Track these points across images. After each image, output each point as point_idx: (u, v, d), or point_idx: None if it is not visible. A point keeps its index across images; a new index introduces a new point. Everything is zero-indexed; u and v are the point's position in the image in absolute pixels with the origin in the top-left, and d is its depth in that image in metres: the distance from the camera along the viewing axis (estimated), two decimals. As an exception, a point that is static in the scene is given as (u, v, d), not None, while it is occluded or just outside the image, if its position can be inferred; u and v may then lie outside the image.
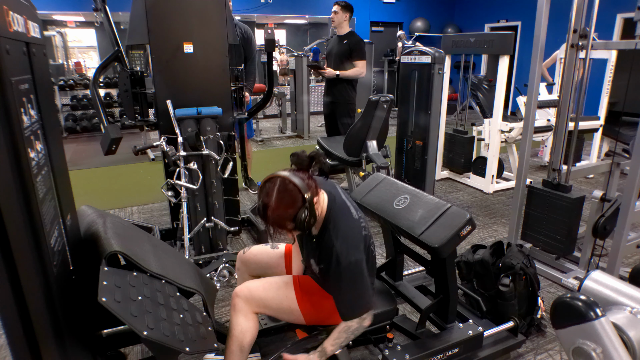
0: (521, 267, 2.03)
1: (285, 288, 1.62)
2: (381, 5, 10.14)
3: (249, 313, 1.56)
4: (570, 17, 2.42)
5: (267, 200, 1.35)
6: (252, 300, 1.57)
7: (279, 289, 1.61)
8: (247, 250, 1.89)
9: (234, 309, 1.57)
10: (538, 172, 5.04)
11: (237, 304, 1.56)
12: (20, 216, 0.84)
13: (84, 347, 1.24)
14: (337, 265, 1.43)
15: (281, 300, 1.60)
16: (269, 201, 1.35)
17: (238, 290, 1.59)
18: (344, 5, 3.90)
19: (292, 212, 1.35)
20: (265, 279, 1.68)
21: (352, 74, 3.95)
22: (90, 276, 1.18)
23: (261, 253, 1.87)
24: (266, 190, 1.36)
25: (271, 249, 1.86)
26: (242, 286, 1.61)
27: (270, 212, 1.35)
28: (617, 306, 1.02)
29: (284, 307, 1.60)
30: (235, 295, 1.58)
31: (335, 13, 3.92)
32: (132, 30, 2.58)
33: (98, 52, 8.69)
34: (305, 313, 1.61)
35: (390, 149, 3.71)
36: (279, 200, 1.34)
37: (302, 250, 1.70)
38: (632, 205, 2.19)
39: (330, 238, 1.46)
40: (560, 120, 2.58)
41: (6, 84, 0.81)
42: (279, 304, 1.60)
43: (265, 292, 1.60)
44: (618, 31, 7.26)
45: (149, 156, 5.59)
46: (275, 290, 1.61)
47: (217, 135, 2.59)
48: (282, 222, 1.37)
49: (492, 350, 1.86)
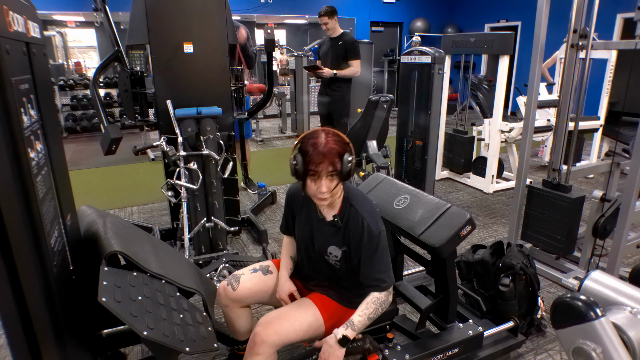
0: (521, 267, 2.03)
1: (315, 319, 1.51)
2: (381, 5, 10.13)
3: (272, 354, 1.45)
4: (570, 17, 2.42)
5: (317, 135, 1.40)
6: (280, 344, 1.45)
7: (310, 324, 1.50)
8: (235, 285, 1.63)
9: (257, 353, 1.41)
10: (538, 172, 5.04)
11: (261, 350, 1.40)
12: (20, 216, 0.84)
13: (84, 347, 1.24)
14: (370, 236, 1.45)
15: (312, 333, 1.51)
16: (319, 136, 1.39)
17: (264, 336, 1.41)
18: (329, 12, 3.95)
19: (343, 149, 1.39)
20: (289, 315, 1.50)
21: (348, 73, 4.00)
22: (90, 276, 1.18)
23: (255, 282, 1.66)
24: (313, 134, 1.42)
25: (264, 275, 1.69)
26: (267, 330, 1.43)
27: (324, 144, 1.37)
28: (617, 306, 1.02)
29: (313, 336, 1.53)
30: (260, 342, 1.40)
31: (326, 23, 3.99)
32: (132, 30, 2.58)
33: (98, 52, 8.69)
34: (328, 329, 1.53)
35: (390, 149, 3.72)
36: (332, 135, 1.41)
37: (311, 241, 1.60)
38: (632, 205, 2.19)
39: (357, 213, 1.48)
40: (560, 120, 2.58)
41: (6, 84, 0.81)
42: (310, 336, 1.52)
43: (297, 333, 1.47)
44: (618, 31, 7.26)
45: (149, 156, 5.59)
46: (307, 328, 1.49)
47: (217, 135, 2.59)
48: (334, 156, 1.37)
49: (492, 350, 1.86)
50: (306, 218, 1.60)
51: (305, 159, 1.38)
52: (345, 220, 1.49)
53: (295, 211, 1.66)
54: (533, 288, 2.07)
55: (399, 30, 10.66)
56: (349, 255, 1.51)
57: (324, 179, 1.37)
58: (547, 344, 2.08)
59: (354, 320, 1.45)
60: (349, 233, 1.48)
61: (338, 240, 1.51)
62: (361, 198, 1.54)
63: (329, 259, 1.55)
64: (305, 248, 1.64)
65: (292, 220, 1.69)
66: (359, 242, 1.46)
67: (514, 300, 2.00)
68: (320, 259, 1.58)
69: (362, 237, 1.45)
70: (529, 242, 2.82)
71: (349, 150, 1.43)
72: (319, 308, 1.54)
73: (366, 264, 1.48)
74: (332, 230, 1.52)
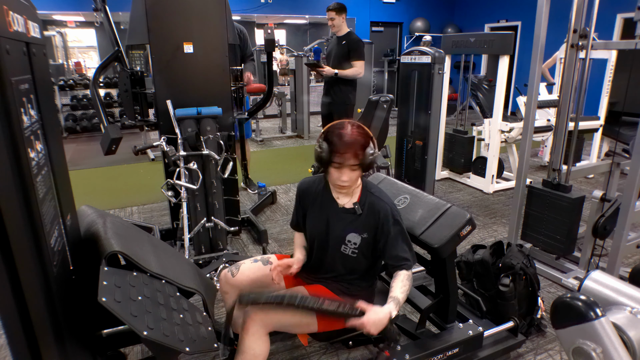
0: (521, 267, 2.03)
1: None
2: (381, 5, 10.13)
3: (263, 335, 1.48)
4: (570, 17, 2.42)
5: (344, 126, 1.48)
6: (269, 323, 1.49)
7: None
8: (235, 271, 1.70)
9: (247, 331, 1.46)
10: (538, 172, 5.04)
11: (251, 327, 1.46)
12: (20, 216, 0.84)
13: (84, 347, 1.24)
14: (395, 219, 1.55)
15: (300, 319, 1.52)
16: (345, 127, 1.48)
17: (252, 313, 1.47)
18: (337, 8, 3.90)
19: (366, 142, 1.48)
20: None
21: (350, 73, 3.91)
22: (90, 276, 1.18)
23: (254, 271, 1.70)
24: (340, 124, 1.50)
25: (264, 265, 1.72)
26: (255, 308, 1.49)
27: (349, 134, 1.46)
28: (617, 306, 1.02)
29: (302, 323, 1.54)
30: (249, 319, 1.47)
31: (332, 19, 3.92)
32: (132, 30, 2.58)
33: (98, 52, 8.69)
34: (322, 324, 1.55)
35: (390, 149, 3.72)
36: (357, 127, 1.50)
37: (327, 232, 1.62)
38: (632, 205, 2.19)
39: (379, 200, 1.58)
40: (560, 120, 2.58)
41: (6, 84, 0.81)
42: (298, 321, 1.53)
43: (284, 313, 1.49)
44: (618, 31, 7.26)
45: (149, 156, 5.59)
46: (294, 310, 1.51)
47: (217, 135, 2.59)
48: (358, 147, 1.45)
49: (492, 350, 1.86)
50: (322, 209, 1.64)
51: (331, 147, 1.47)
52: (367, 208, 1.56)
53: (307, 206, 1.69)
54: (533, 288, 2.07)
55: (399, 30, 10.66)
56: (371, 242, 1.57)
57: (347, 168, 1.48)
58: (547, 344, 2.08)
59: (398, 297, 1.46)
60: (372, 219, 1.56)
61: (358, 227, 1.57)
62: (377, 188, 1.65)
63: (346, 248, 1.59)
64: (318, 241, 1.66)
65: (302, 216, 1.72)
66: (384, 225, 1.55)
67: (514, 300, 2.00)
68: (335, 250, 1.61)
69: (388, 220, 1.54)
70: (529, 242, 2.82)
71: (372, 143, 1.51)
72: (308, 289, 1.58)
73: (393, 244, 1.55)
74: (351, 217, 1.58)
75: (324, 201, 1.64)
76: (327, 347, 2.05)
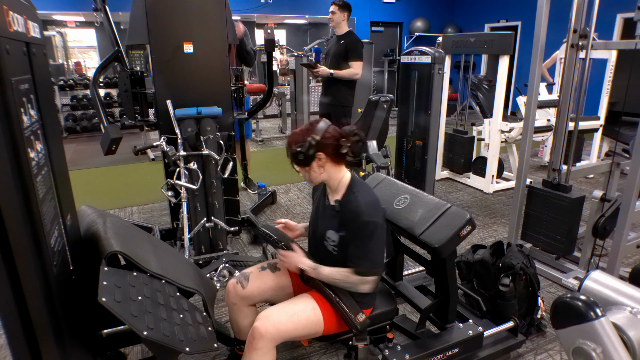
0: (521, 267, 2.03)
1: (314, 315, 1.52)
2: (381, 5, 10.13)
3: (271, 349, 1.45)
4: (570, 17, 2.42)
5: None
6: (279, 338, 1.46)
7: (309, 319, 1.51)
8: (245, 283, 1.68)
9: (255, 348, 1.42)
10: (538, 172, 5.04)
11: (259, 343, 1.42)
12: (20, 216, 0.84)
13: (84, 347, 1.24)
14: (359, 221, 1.49)
15: (310, 328, 1.52)
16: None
17: (263, 330, 1.42)
18: (341, 5, 3.80)
19: (294, 140, 1.52)
20: (288, 309, 1.52)
21: (346, 74, 3.78)
22: (90, 276, 1.18)
23: (264, 281, 1.70)
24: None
25: (272, 272, 1.72)
26: (265, 324, 1.44)
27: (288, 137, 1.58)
28: (617, 306, 1.02)
29: (311, 333, 1.54)
30: (259, 336, 1.42)
31: (333, 13, 3.81)
32: (132, 30, 2.58)
33: (98, 52, 8.69)
34: (327, 328, 1.55)
35: (390, 149, 3.71)
36: (301, 128, 1.56)
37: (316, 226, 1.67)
38: (632, 205, 2.19)
39: (356, 199, 1.54)
40: (560, 120, 2.58)
41: (6, 84, 0.81)
42: (308, 332, 1.53)
43: (295, 327, 1.48)
44: (618, 31, 7.26)
45: (149, 156, 5.59)
46: (305, 322, 1.50)
47: (217, 135, 2.59)
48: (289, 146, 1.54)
49: (492, 350, 1.86)
50: (317, 204, 1.71)
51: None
52: (345, 206, 1.56)
53: (313, 202, 1.77)
54: (533, 288, 2.07)
55: (399, 30, 10.66)
56: (346, 241, 1.56)
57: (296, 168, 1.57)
58: (547, 344, 2.08)
59: (322, 271, 1.54)
60: (348, 217, 1.54)
61: (335, 224, 1.57)
62: (365, 188, 1.59)
63: (327, 244, 1.61)
64: (310, 233, 1.74)
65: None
66: (352, 223, 1.52)
67: (514, 300, 2.00)
68: (321, 244, 1.64)
69: (356, 219, 1.51)
70: (529, 242, 2.82)
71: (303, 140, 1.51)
72: (318, 303, 1.55)
73: (349, 244, 1.54)
74: (331, 214, 1.59)
75: (320, 196, 1.70)
76: (327, 347, 2.05)
